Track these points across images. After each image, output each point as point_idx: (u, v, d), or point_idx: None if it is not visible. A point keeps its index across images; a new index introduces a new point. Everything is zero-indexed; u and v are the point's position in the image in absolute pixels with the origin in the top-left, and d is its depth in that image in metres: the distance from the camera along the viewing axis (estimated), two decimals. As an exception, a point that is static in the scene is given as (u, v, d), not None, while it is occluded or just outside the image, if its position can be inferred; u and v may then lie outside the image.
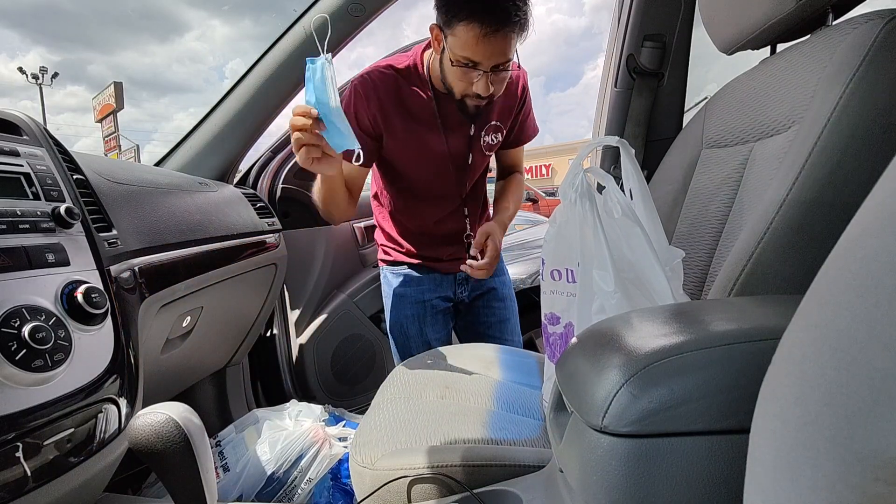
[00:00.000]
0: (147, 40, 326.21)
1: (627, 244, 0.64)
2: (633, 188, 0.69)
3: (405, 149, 1.06)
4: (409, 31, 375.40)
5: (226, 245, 1.04)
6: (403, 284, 1.21)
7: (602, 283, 0.60)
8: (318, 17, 0.87)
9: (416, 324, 1.20)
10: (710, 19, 0.82)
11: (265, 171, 1.44)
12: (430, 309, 1.21)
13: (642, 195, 0.69)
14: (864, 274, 0.18)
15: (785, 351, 0.23)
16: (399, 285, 1.21)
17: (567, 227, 0.66)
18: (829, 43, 0.62)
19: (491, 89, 0.93)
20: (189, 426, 0.49)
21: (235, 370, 1.35)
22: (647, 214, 0.68)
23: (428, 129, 1.05)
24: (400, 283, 1.21)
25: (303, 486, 1.01)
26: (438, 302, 1.22)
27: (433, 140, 1.06)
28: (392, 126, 1.03)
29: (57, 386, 0.53)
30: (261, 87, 1.19)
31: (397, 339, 1.23)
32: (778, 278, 0.56)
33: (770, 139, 0.68)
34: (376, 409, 0.81)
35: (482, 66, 0.89)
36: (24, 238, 0.57)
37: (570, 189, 0.65)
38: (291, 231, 1.46)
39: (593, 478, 0.37)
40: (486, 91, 0.92)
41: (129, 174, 0.89)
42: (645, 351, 0.37)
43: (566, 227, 0.67)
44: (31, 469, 0.49)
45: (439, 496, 0.61)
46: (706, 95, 1.00)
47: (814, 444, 0.18)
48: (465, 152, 1.10)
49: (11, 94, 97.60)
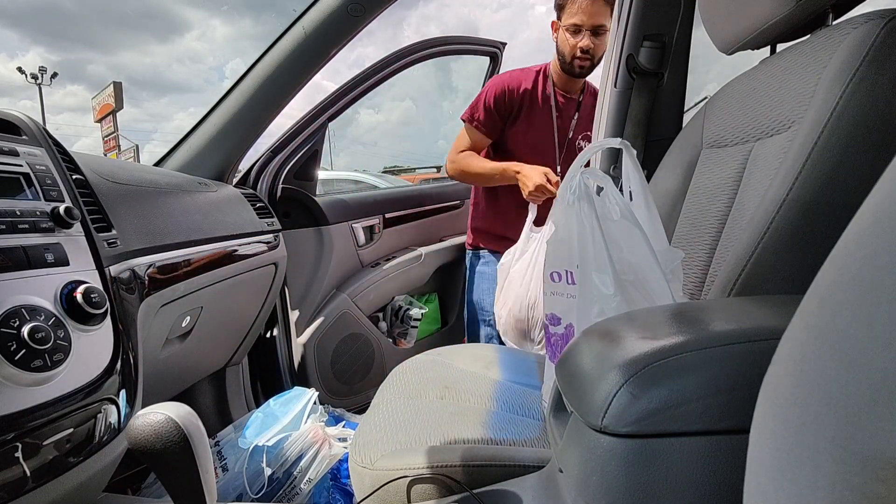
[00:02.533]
0: (147, 40, 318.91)
1: (627, 246, 0.64)
2: (634, 189, 0.69)
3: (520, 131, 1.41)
4: (410, 31, 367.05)
5: (225, 245, 1.04)
6: (484, 265, 1.50)
7: (602, 286, 0.60)
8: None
9: (491, 295, 1.41)
10: (710, 19, 0.82)
11: (265, 171, 1.44)
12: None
13: (643, 197, 0.69)
14: (864, 274, 0.18)
15: (785, 351, 0.23)
16: (480, 265, 1.51)
17: (565, 229, 0.66)
18: (829, 43, 0.62)
19: (592, 46, 1.30)
20: (188, 426, 0.49)
21: (235, 370, 1.35)
22: (648, 216, 0.67)
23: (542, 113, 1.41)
24: (481, 263, 1.51)
25: (302, 487, 1.01)
26: None
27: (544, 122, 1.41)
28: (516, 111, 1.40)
29: (56, 386, 0.53)
30: (260, 87, 1.19)
31: (472, 313, 1.52)
32: (778, 278, 0.56)
33: (770, 139, 0.68)
34: (376, 409, 0.81)
35: (585, 27, 1.28)
36: (23, 238, 0.57)
37: (568, 191, 0.65)
38: (291, 231, 1.46)
39: (593, 478, 0.37)
40: (587, 45, 1.29)
41: (128, 174, 0.88)
42: (645, 351, 0.37)
43: (564, 229, 0.67)
44: (30, 469, 0.49)
45: (439, 496, 0.61)
46: (706, 95, 1.00)
47: (814, 444, 0.18)
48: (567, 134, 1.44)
49: (11, 93, 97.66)
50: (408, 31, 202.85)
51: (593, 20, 1.27)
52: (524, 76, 1.42)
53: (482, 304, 1.49)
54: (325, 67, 1.21)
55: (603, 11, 1.27)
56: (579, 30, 1.29)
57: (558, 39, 1.35)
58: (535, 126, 1.42)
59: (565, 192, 0.66)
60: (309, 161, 1.54)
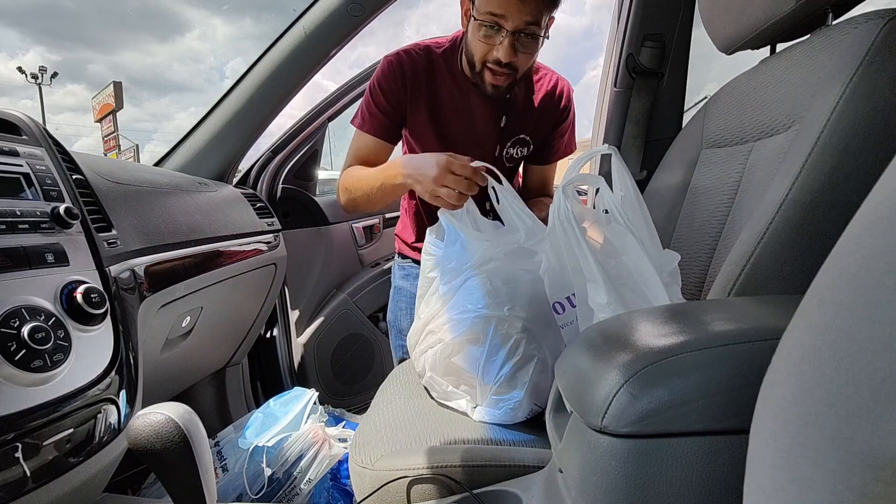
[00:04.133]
0: (148, 39, 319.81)
1: (622, 251, 0.64)
2: (625, 194, 0.69)
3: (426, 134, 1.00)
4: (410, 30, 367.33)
5: (225, 245, 1.04)
6: (403, 278, 1.19)
7: (595, 295, 0.60)
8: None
9: (408, 317, 1.17)
10: (710, 19, 0.82)
11: (265, 171, 1.44)
12: None
13: (636, 201, 0.69)
14: (864, 274, 0.18)
15: (785, 351, 0.23)
16: (400, 279, 1.20)
17: (556, 256, 0.67)
18: (829, 43, 0.62)
19: (514, 56, 0.84)
20: (188, 426, 0.49)
21: (235, 370, 1.35)
22: (640, 221, 0.67)
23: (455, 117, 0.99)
24: (401, 277, 1.20)
25: (302, 487, 1.01)
26: None
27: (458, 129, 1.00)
28: (417, 110, 0.98)
29: (56, 386, 0.53)
30: (260, 87, 1.19)
31: (392, 332, 1.22)
32: (778, 278, 0.56)
33: (770, 139, 0.68)
34: (376, 410, 0.81)
35: (507, 25, 0.82)
36: (23, 238, 0.57)
37: (556, 220, 0.65)
38: (291, 231, 1.46)
39: (593, 478, 0.37)
40: (507, 56, 0.84)
41: (128, 174, 0.89)
42: (644, 351, 0.37)
43: (554, 256, 0.67)
44: (30, 469, 0.49)
45: (439, 496, 0.61)
46: (706, 95, 1.00)
47: (814, 444, 0.18)
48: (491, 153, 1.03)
49: (11, 93, 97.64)
50: (409, 31, 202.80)
51: (523, 15, 0.81)
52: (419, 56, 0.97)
53: (398, 325, 1.19)
54: (325, 67, 1.21)
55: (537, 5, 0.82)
56: (498, 27, 0.83)
57: (468, 31, 0.89)
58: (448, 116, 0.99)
59: (554, 221, 0.66)
60: (309, 161, 1.55)
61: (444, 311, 0.76)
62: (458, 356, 0.74)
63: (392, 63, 0.96)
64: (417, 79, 0.96)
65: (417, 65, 0.96)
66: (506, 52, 0.84)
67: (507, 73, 0.87)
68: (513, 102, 1.00)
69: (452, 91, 0.98)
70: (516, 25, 0.82)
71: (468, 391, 0.75)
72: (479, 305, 0.72)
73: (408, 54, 0.97)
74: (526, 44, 0.85)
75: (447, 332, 0.75)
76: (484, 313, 0.71)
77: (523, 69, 0.89)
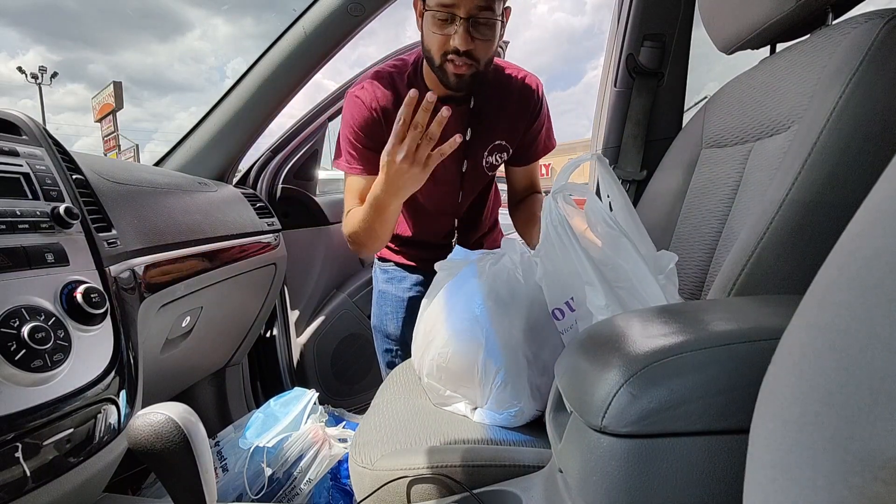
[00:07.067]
0: (148, 39, 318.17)
1: (616, 255, 0.64)
2: (614, 199, 0.70)
3: None
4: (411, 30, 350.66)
5: (225, 245, 1.04)
6: (387, 282, 1.19)
7: (593, 297, 0.61)
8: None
9: (394, 321, 1.18)
10: (710, 19, 0.82)
11: (265, 171, 1.44)
12: (409, 307, 1.18)
13: (624, 205, 0.69)
14: (864, 274, 0.18)
15: (785, 351, 0.23)
16: (383, 282, 1.20)
17: (552, 262, 0.67)
18: (829, 43, 0.62)
19: (471, 44, 0.84)
20: (188, 426, 0.49)
21: (235, 370, 1.35)
22: (631, 224, 0.68)
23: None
24: (384, 280, 1.20)
25: (302, 487, 1.01)
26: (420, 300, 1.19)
27: None
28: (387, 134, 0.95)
29: (56, 386, 0.53)
30: (260, 87, 1.19)
31: (378, 337, 1.22)
32: (778, 278, 0.56)
33: (770, 139, 0.68)
34: (376, 410, 0.81)
35: (459, 13, 0.82)
36: (23, 238, 0.57)
37: (549, 225, 0.66)
38: (291, 231, 1.46)
39: (593, 478, 0.37)
40: (464, 44, 0.83)
41: (128, 174, 0.89)
42: (644, 351, 0.37)
43: (550, 262, 0.67)
44: (30, 469, 0.49)
45: (439, 496, 0.61)
46: (706, 95, 1.00)
47: (814, 444, 0.18)
48: (458, 165, 1.02)
49: (11, 93, 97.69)
50: (409, 31, 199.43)
51: (472, 3, 0.81)
52: (385, 85, 0.97)
53: (384, 329, 1.19)
54: (325, 67, 1.21)
55: None
56: (452, 16, 0.83)
57: (423, 29, 0.89)
58: None
59: (548, 227, 0.66)
60: (309, 161, 1.55)
61: (445, 317, 0.77)
62: (457, 362, 0.74)
63: (361, 100, 0.96)
64: (387, 109, 0.95)
65: (385, 95, 0.96)
66: (462, 39, 0.83)
67: (468, 62, 0.87)
68: (479, 113, 0.99)
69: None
70: (468, 11, 0.82)
71: (467, 394, 0.76)
72: (479, 311, 0.73)
73: (373, 85, 0.97)
74: (482, 31, 0.84)
75: (447, 338, 0.75)
76: (484, 319, 0.72)
77: (484, 58, 0.88)
